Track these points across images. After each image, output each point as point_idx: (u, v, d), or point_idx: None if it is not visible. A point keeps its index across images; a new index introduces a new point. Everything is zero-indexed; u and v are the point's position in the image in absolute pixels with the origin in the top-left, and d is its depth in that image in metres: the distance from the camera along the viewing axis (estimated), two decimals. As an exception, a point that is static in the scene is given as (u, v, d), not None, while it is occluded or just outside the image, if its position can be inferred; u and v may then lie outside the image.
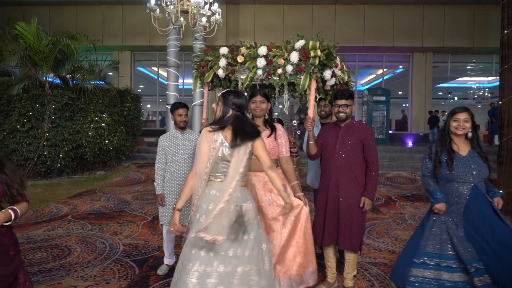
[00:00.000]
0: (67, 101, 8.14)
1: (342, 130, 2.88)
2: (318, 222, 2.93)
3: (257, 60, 2.82)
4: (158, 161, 3.30)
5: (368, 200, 2.80)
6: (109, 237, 4.41)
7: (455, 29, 13.28)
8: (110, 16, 13.86)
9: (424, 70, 14.38)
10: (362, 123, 3.00)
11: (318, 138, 3.01)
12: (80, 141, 8.45)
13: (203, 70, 3.11)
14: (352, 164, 2.81)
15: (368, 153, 2.82)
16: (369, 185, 2.82)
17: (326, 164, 2.93)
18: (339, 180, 2.82)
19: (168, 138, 3.32)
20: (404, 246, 2.74)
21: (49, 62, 7.78)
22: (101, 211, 5.69)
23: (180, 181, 3.27)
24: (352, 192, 2.81)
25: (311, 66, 2.65)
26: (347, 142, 2.82)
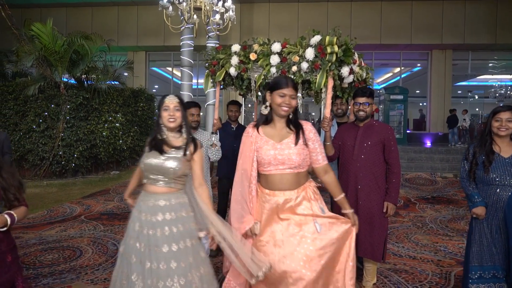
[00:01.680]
0: (82, 101, 8.18)
1: (361, 130, 2.71)
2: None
3: (270, 58, 2.68)
4: None
5: (392, 205, 2.65)
6: (121, 238, 4.30)
7: (476, 25, 12.85)
8: (125, 16, 13.96)
9: (443, 68, 13.97)
10: (382, 123, 2.84)
11: (335, 139, 2.86)
12: (95, 141, 8.48)
13: (214, 69, 2.99)
14: (372, 166, 2.65)
15: (389, 155, 2.66)
16: (391, 188, 2.66)
17: (344, 166, 2.77)
18: (359, 183, 2.66)
19: None
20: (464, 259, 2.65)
21: (64, 63, 7.82)
22: (114, 212, 5.65)
23: None
24: (372, 195, 2.65)
25: (328, 63, 2.51)
26: (367, 143, 2.66)
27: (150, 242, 1.90)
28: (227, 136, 3.86)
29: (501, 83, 17.16)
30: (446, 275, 3.32)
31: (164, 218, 1.95)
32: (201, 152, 2.14)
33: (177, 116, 2.06)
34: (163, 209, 1.96)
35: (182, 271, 1.89)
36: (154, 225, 1.93)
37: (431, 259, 3.72)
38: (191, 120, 3.16)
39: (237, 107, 3.88)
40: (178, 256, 1.91)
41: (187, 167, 2.06)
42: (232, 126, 3.95)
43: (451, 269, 3.47)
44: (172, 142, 2.06)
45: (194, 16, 4.50)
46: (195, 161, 2.09)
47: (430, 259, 3.72)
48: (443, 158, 10.04)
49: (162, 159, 1.98)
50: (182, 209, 2.02)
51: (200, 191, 2.09)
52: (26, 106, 8.11)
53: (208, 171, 3.36)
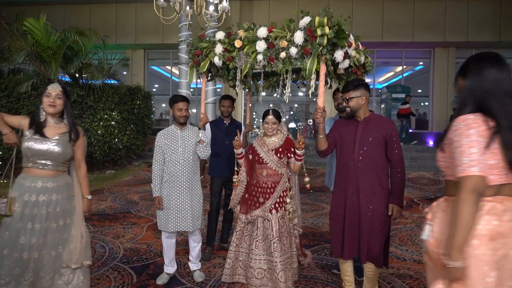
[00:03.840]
0: (76, 98, 7.97)
1: (361, 125, 2.48)
2: (336, 232, 2.56)
3: (256, 44, 2.43)
4: (155, 160, 3.01)
5: (397, 207, 2.43)
6: (110, 240, 4.14)
7: (479, 22, 12.61)
8: (124, 14, 13.78)
9: (446, 66, 13.73)
10: (383, 117, 2.62)
11: (331, 133, 2.65)
12: (89, 139, 8.27)
13: (198, 59, 2.74)
14: (374, 164, 2.43)
15: (391, 152, 2.44)
16: (396, 189, 2.44)
17: (343, 164, 2.54)
18: (360, 183, 2.43)
19: (166, 135, 3.02)
20: None
21: (58, 59, 7.61)
22: (106, 212, 5.45)
23: (178, 182, 2.97)
24: (375, 197, 2.43)
25: (319, 46, 2.24)
26: (368, 139, 2.43)
27: (35, 220, 2.14)
28: (219, 132, 3.65)
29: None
30: (453, 281, 3.11)
31: (51, 199, 2.19)
32: (83, 138, 2.37)
33: (58, 103, 2.23)
34: (51, 190, 2.19)
35: (55, 244, 2.19)
36: (41, 204, 2.16)
37: (436, 263, 3.50)
38: (178, 115, 2.97)
39: (230, 102, 3.66)
40: (55, 232, 2.20)
41: (72, 151, 2.28)
42: (225, 122, 3.71)
43: (459, 274, 3.25)
44: (55, 128, 2.24)
45: (187, 7, 4.30)
46: (77, 146, 2.31)
47: (436, 263, 3.50)
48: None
49: (50, 144, 2.18)
50: (67, 190, 2.27)
51: (78, 171, 2.37)
52: (19, 104, 7.91)
53: (198, 169, 3.14)
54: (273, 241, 2.67)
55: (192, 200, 3.00)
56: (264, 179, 2.79)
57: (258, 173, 2.82)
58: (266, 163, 2.76)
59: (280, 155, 2.77)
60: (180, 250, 3.78)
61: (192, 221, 2.99)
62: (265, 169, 2.78)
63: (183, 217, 2.97)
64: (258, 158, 2.79)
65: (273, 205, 2.75)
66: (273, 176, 2.78)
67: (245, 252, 2.83)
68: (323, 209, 5.74)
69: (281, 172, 2.79)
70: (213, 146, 3.58)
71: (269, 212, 2.74)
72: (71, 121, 2.30)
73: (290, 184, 2.85)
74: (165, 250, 3.09)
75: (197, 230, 3.09)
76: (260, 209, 2.76)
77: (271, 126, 2.78)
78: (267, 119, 2.77)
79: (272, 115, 2.76)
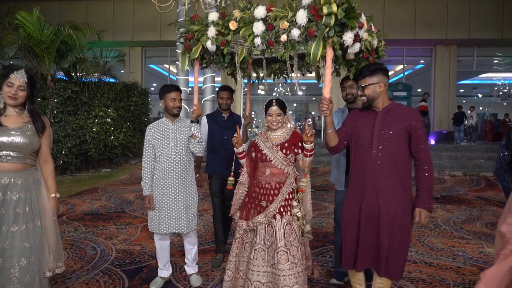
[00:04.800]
0: (70, 94, 7.75)
1: (380, 117, 2.14)
2: (349, 240, 2.21)
3: (253, 26, 2.13)
4: (145, 156, 2.75)
5: (425, 211, 2.05)
6: (103, 241, 3.91)
7: (481, 19, 12.43)
8: (121, 10, 13.54)
9: (447, 64, 13.55)
10: (405, 106, 2.21)
11: (344, 126, 2.33)
12: (84, 137, 8.05)
13: (190, 44, 2.42)
14: (395, 162, 2.08)
15: (417, 147, 2.08)
16: (423, 190, 2.06)
17: (359, 162, 2.19)
18: (379, 184, 2.09)
19: (156, 128, 2.75)
20: None
21: (51, 54, 7.38)
22: (99, 212, 5.21)
23: (171, 179, 2.71)
24: (396, 200, 2.08)
25: (325, 27, 1.95)
26: (388, 133, 2.09)
27: (9, 222, 1.92)
28: (217, 126, 3.34)
29: (505, 81, 16.78)
30: (469, 286, 2.89)
31: (20, 196, 1.96)
32: (49, 130, 2.14)
33: (19, 95, 2.00)
34: (19, 187, 1.96)
35: (25, 251, 1.94)
36: (8, 203, 1.94)
37: (449, 266, 3.29)
38: (172, 106, 2.70)
39: (229, 94, 3.34)
40: (24, 236, 1.95)
41: (39, 142, 2.06)
42: (223, 116, 3.37)
43: (475, 278, 3.03)
44: (16, 117, 2.02)
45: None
46: (43, 139, 2.09)
47: (449, 266, 3.29)
48: (451, 155, 9.60)
49: (14, 134, 1.95)
50: (36, 187, 2.04)
51: (44, 168, 2.13)
52: (11, 100, 7.67)
53: (192, 165, 2.88)
54: (278, 251, 2.27)
55: (186, 199, 2.75)
56: (267, 179, 2.40)
57: (261, 172, 2.44)
58: (270, 161, 2.38)
59: (286, 151, 2.38)
60: (176, 252, 3.56)
61: (187, 221, 2.74)
62: (269, 168, 2.40)
63: (177, 217, 2.72)
64: (261, 155, 2.42)
65: (277, 210, 2.35)
66: (277, 176, 2.39)
67: (246, 261, 2.45)
68: (326, 209, 5.52)
69: (287, 171, 2.39)
70: (209, 141, 3.33)
71: (273, 217, 2.35)
72: (32, 110, 2.07)
73: (298, 185, 2.45)
74: (158, 253, 2.85)
75: (192, 231, 2.84)
76: (263, 214, 2.36)
77: (275, 118, 2.40)
78: (271, 111, 2.40)
79: (276, 105, 2.39)
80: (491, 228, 4.58)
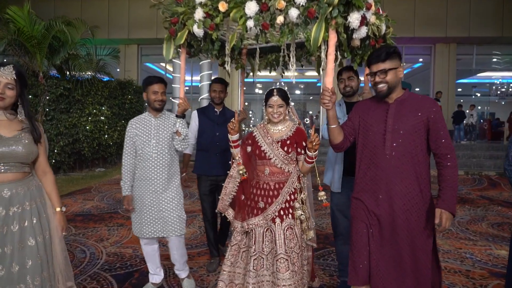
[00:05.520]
0: (63, 92, 7.54)
1: (393, 109, 1.86)
2: (360, 253, 1.90)
3: (245, 6, 1.87)
4: (125, 153, 2.53)
5: (448, 213, 1.73)
6: (93, 244, 3.72)
7: (481, 17, 12.29)
8: (116, 7, 13.32)
9: (447, 62, 13.40)
10: (421, 96, 1.93)
11: (350, 120, 2.06)
12: (77, 135, 7.84)
13: (175, 29, 2.17)
14: (413, 161, 1.81)
15: (437, 142, 1.80)
16: (446, 189, 1.77)
17: (369, 162, 1.91)
18: (393, 187, 1.82)
19: (137, 124, 2.52)
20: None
21: (43, 49, 7.17)
22: (91, 212, 5.02)
23: (152, 179, 2.47)
24: (412, 205, 1.80)
25: (327, 6, 1.72)
26: (403, 127, 1.82)
27: (14, 239, 1.66)
28: (208, 122, 3.08)
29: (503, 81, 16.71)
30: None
31: (24, 209, 1.71)
32: (45, 136, 1.86)
33: (8, 95, 1.69)
34: (22, 197, 1.71)
35: (38, 268, 1.70)
36: (11, 219, 1.67)
37: (458, 269, 3.12)
38: (153, 99, 2.46)
39: (222, 87, 3.08)
40: (35, 252, 1.70)
41: (37, 151, 1.80)
42: (216, 110, 3.11)
43: (486, 282, 2.87)
44: (9, 124, 1.73)
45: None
46: (40, 148, 1.81)
47: (458, 269, 3.12)
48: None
49: (12, 143, 1.68)
50: (39, 195, 1.80)
51: (44, 180, 1.85)
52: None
53: (177, 164, 2.62)
54: (277, 259, 2.05)
55: (170, 201, 2.52)
56: (266, 179, 2.17)
57: (259, 170, 2.20)
58: (270, 158, 2.15)
59: (288, 149, 2.15)
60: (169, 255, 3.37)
61: (171, 225, 2.51)
62: (268, 166, 2.16)
63: (160, 220, 2.49)
64: (260, 152, 2.18)
65: (277, 213, 2.12)
66: (277, 175, 2.16)
67: (242, 274, 2.20)
68: (326, 209, 5.34)
69: (288, 170, 2.16)
70: (199, 138, 3.09)
71: (272, 221, 2.12)
72: (28, 115, 1.78)
73: (301, 185, 2.21)
74: (146, 258, 2.66)
75: (176, 236, 2.55)
76: (260, 216, 2.13)
77: (276, 110, 2.14)
78: (271, 101, 2.14)
79: (277, 95, 2.13)
80: (497, 228, 4.42)
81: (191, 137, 3.11)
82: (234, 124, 2.24)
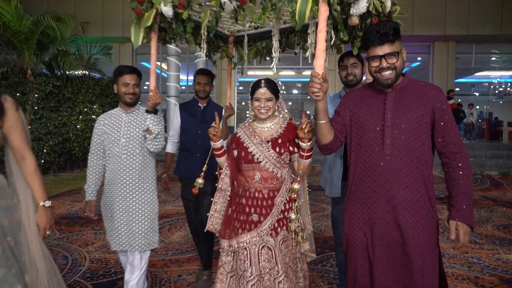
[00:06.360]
0: (52, 89, 7.30)
1: (391, 98, 1.55)
2: (361, 268, 1.57)
3: None
4: (92, 153, 2.25)
5: (465, 226, 1.45)
6: (76, 249, 3.49)
7: (481, 15, 12.16)
8: (111, 5, 13.06)
9: (446, 61, 13.25)
10: (424, 82, 1.61)
11: (338, 115, 1.70)
12: (67, 134, 7.60)
13: (142, 8, 1.90)
14: (418, 161, 1.51)
15: (445, 137, 1.51)
16: (460, 196, 1.47)
17: (365, 165, 1.58)
18: (397, 195, 1.50)
19: (106, 120, 2.22)
20: None
21: (31, 45, 6.93)
22: (78, 215, 4.78)
23: (121, 184, 2.15)
24: (420, 214, 1.50)
25: None
26: (405, 120, 1.51)
27: None
28: (191, 118, 2.77)
29: (501, 80, 16.61)
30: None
31: None
32: (18, 114, 1.55)
33: None
34: None
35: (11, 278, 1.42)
36: None
37: (466, 276, 2.92)
38: (124, 92, 2.15)
39: (208, 79, 2.75)
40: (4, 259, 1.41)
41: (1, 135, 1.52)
42: (200, 105, 2.79)
43: (497, 290, 2.67)
44: None
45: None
46: (9, 127, 1.52)
47: (466, 276, 2.92)
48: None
49: None
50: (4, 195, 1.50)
51: (22, 165, 1.57)
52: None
53: (151, 167, 2.27)
54: (279, 281, 1.72)
55: (139, 209, 2.17)
56: (257, 186, 1.83)
57: (247, 176, 1.86)
58: (259, 162, 1.81)
59: (280, 150, 1.81)
60: (157, 261, 3.16)
61: (138, 239, 2.16)
62: (258, 171, 1.83)
63: (127, 232, 2.16)
64: (246, 154, 1.84)
65: (272, 227, 1.79)
66: (270, 181, 1.83)
67: None
68: (324, 210, 5.14)
69: (281, 174, 1.84)
70: (181, 136, 2.80)
71: (269, 235, 1.78)
72: None
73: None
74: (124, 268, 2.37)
75: (139, 252, 2.18)
76: (255, 232, 1.78)
77: (264, 104, 1.81)
78: (258, 94, 1.81)
79: (265, 87, 1.81)
80: (503, 231, 4.22)
81: (174, 135, 2.86)
82: (215, 129, 1.85)
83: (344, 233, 1.65)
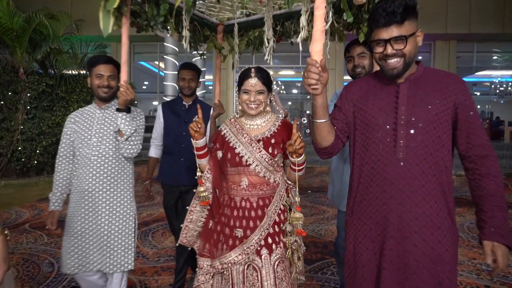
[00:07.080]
0: (45, 88, 7.11)
1: (405, 90, 1.29)
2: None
3: None
4: (60, 156, 1.99)
5: (503, 248, 1.20)
6: (64, 255, 3.31)
7: (482, 13, 12.03)
8: (107, 3, 12.90)
9: (447, 60, 13.12)
10: (443, 71, 1.34)
11: (340, 111, 1.44)
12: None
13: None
14: (437, 167, 1.26)
15: (470, 138, 1.27)
16: (494, 210, 1.22)
17: (372, 171, 1.33)
18: (412, 209, 1.25)
19: (78, 117, 1.96)
20: None
21: (23, 43, 6.77)
22: (69, 218, 4.61)
23: (90, 191, 1.86)
24: (447, 234, 1.25)
25: None
26: (422, 118, 1.25)
27: None
28: (174, 118, 2.53)
29: (502, 79, 16.50)
30: (506, 312, 2.35)
31: None
32: None
33: None
34: None
35: None
36: None
37: (475, 285, 2.75)
38: (97, 84, 1.89)
39: (194, 74, 2.49)
40: None
41: None
42: (184, 104, 2.54)
43: (509, 301, 2.50)
44: None
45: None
46: None
47: (475, 285, 2.75)
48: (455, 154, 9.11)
49: None
50: None
51: None
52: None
53: (128, 172, 2.00)
54: None
55: (113, 223, 1.89)
56: (244, 194, 1.57)
57: (232, 182, 1.61)
58: (248, 165, 1.55)
59: (274, 150, 1.56)
60: (148, 268, 2.99)
61: (115, 257, 1.88)
62: (246, 176, 1.57)
63: (98, 249, 1.87)
64: (233, 156, 1.58)
65: (263, 241, 1.52)
66: (260, 188, 1.57)
67: None
68: (324, 213, 4.97)
69: (274, 179, 1.58)
70: (164, 138, 2.57)
71: (257, 254, 1.51)
72: None
73: (291, 199, 1.60)
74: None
75: (117, 272, 1.91)
76: (238, 250, 1.52)
77: (254, 97, 1.54)
78: (247, 85, 1.55)
79: (256, 77, 1.54)
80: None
81: (158, 138, 2.61)
82: (198, 125, 1.58)
83: (348, 251, 1.40)
